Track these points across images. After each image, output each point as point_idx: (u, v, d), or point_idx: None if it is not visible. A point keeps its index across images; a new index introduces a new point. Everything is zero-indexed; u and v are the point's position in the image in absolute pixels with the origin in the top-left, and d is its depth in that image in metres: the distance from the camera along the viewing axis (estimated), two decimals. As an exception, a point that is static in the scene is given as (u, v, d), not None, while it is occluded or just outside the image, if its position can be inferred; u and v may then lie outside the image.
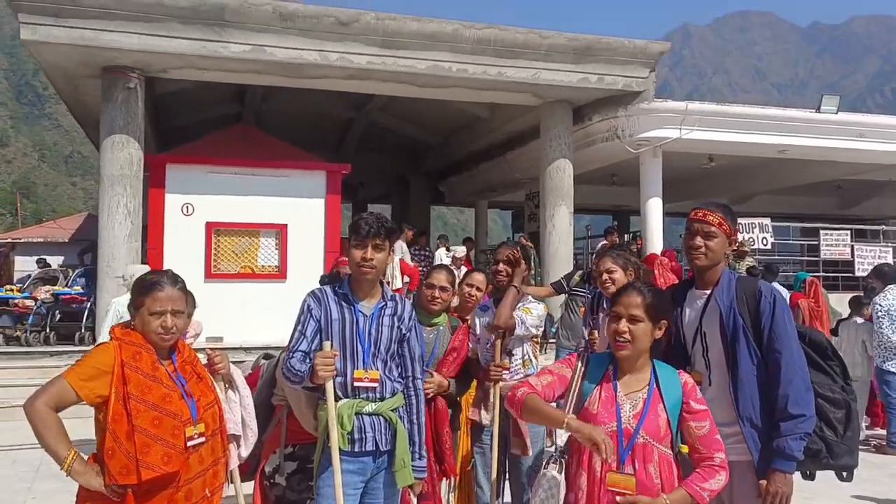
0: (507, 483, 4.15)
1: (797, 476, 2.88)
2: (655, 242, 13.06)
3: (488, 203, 20.91)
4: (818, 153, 13.65)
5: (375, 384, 3.15)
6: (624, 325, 2.72)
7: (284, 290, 11.50)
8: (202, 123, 15.85)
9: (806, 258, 14.63)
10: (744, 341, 2.86)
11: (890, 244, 14.35)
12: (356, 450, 3.11)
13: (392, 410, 3.19)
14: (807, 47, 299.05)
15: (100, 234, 10.53)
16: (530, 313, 4.08)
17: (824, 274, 14.03)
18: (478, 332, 4.18)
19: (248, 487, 3.50)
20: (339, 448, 3.06)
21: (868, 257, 13.87)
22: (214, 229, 11.58)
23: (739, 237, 13.12)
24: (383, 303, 3.26)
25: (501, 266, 4.17)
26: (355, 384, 3.12)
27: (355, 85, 11.71)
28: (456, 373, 4.02)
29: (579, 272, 7.39)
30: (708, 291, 2.99)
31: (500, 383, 3.96)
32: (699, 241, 2.96)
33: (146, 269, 6.45)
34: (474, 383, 4.23)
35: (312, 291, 3.25)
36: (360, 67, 10.74)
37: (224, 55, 10.19)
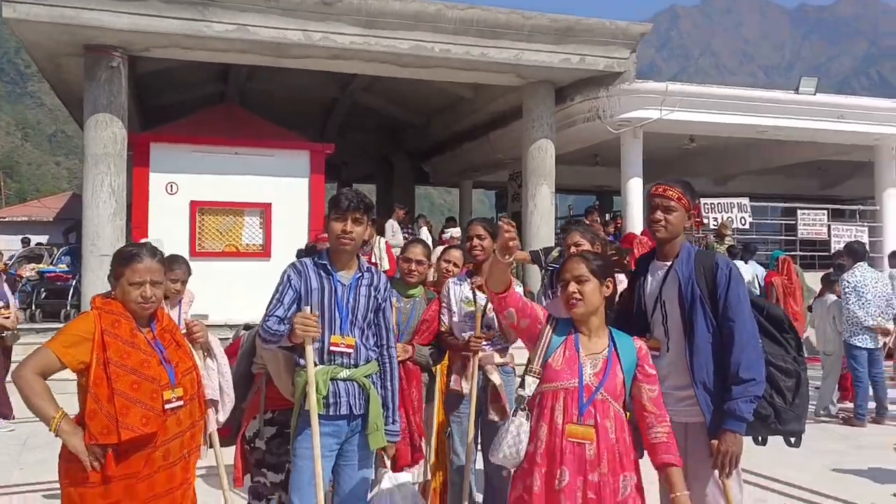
0: (479, 451, 4.31)
1: (776, 449, 3.03)
2: (636, 222, 13.22)
3: (473, 183, 21.02)
4: (797, 134, 13.84)
5: (351, 350, 3.31)
6: (573, 286, 2.91)
7: (269, 269, 11.57)
8: (186, 103, 15.84)
9: (784, 237, 14.86)
10: (700, 310, 3.03)
11: (866, 223, 14.60)
12: (331, 413, 3.27)
13: (366, 376, 3.35)
14: (794, 29, 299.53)
15: (84, 213, 10.58)
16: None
17: (802, 253, 14.28)
18: (453, 306, 4.31)
19: (228, 452, 3.65)
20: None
21: (844, 236, 14.10)
22: (199, 208, 11.65)
23: (720, 217, 13.40)
24: (360, 274, 3.42)
25: (476, 241, 4.31)
26: (331, 349, 3.28)
27: (339, 65, 11.75)
28: (427, 342, 4.25)
29: (558, 248, 7.52)
30: (668, 263, 3.16)
31: (480, 353, 4.11)
32: (659, 214, 3.12)
33: (160, 240, 6.60)
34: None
35: (293, 263, 3.41)
36: (344, 47, 10.78)
37: (207, 34, 10.20)
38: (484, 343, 4.17)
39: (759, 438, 3.17)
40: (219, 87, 16.65)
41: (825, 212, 14.53)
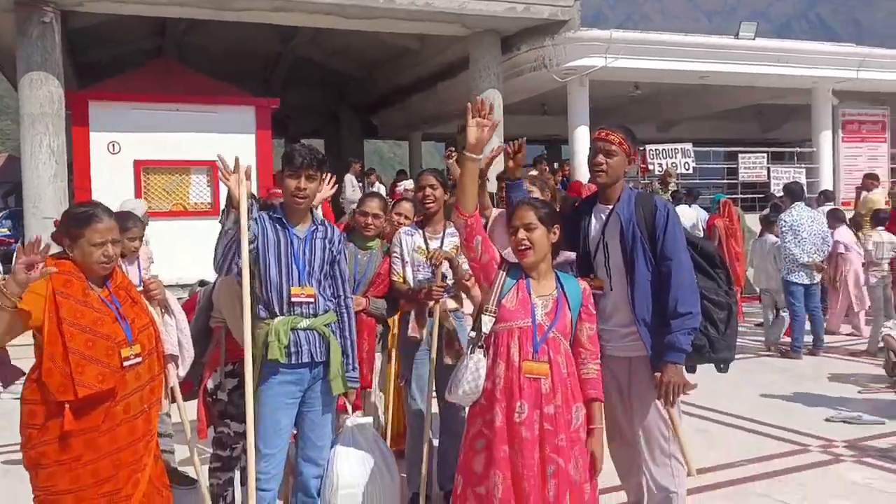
0: (434, 397, 4.44)
1: (714, 381, 3.23)
2: (583, 170, 13.39)
3: (422, 135, 20.96)
4: (737, 79, 14.12)
5: (311, 300, 3.40)
6: (522, 233, 3.03)
7: (217, 227, 11.45)
8: (121, 59, 15.40)
9: (726, 181, 15.24)
10: (641, 251, 3.18)
11: (804, 165, 15.05)
12: (293, 362, 3.37)
13: (325, 325, 3.44)
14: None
15: (24, 175, 10.30)
16: None
17: (743, 196, 14.68)
18: (406, 256, 4.39)
19: (191, 407, 3.73)
20: (277, 360, 3.32)
21: (783, 178, 14.49)
22: (143, 167, 11.42)
23: (664, 164, 13.66)
24: (314, 227, 3.50)
25: (428, 191, 4.38)
26: (292, 300, 3.36)
27: (282, 17, 11.56)
28: (383, 294, 4.35)
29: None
30: (610, 206, 3.29)
31: (439, 302, 4.22)
32: (601, 158, 3.24)
33: (139, 203, 6.57)
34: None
35: (253, 217, 3.44)
36: (286, -1, 10.60)
37: (142, -13, 9.92)
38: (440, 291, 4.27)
39: (690, 366, 3.35)
40: (156, 42, 16.20)
41: (765, 155, 14.93)
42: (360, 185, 14.59)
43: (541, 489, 2.92)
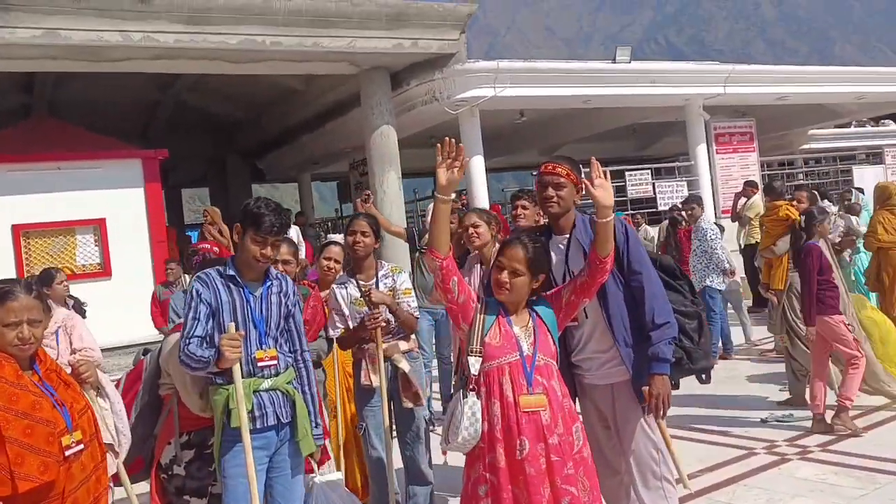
0: (394, 439, 4.30)
1: None
2: (481, 198, 13.58)
3: (311, 176, 20.65)
4: (618, 100, 14.70)
5: (274, 362, 3.21)
6: (506, 276, 3.00)
7: (111, 288, 10.83)
8: (-15, 119, 14.39)
9: (615, 198, 15.75)
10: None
11: (685, 178, 15.80)
12: (258, 426, 3.18)
13: (287, 383, 3.26)
14: (587, 3, 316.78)
15: None
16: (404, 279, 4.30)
17: (633, 211, 15.24)
18: (345, 310, 4.24)
19: (142, 487, 3.42)
20: (238, 427, 3.10)
21: (667, 192, 15.23)
22: (22, 231, 10.67)
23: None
24: (270, 282, 3.30)
25: (358, 237, 4.27)
26: (258, 364, 3.16)
27: (164, 65, 11.12)
28: (313, 339, 4.14)
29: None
30: (567, 235, 3.30)
31: (385, 345, 4.09)
32: (551, 191, 3.27)
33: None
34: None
35: (198, 276, 3.23)
36: (168, 47, 10.20)
37: (11, 41, 9.28)
38: (385, 336, 4.15)
39: (673, 382, 3.38)
40: (22, 99, 15.25)
41: (649, 171, 15.58)
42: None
43: None
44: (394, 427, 4.28)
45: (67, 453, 2.66)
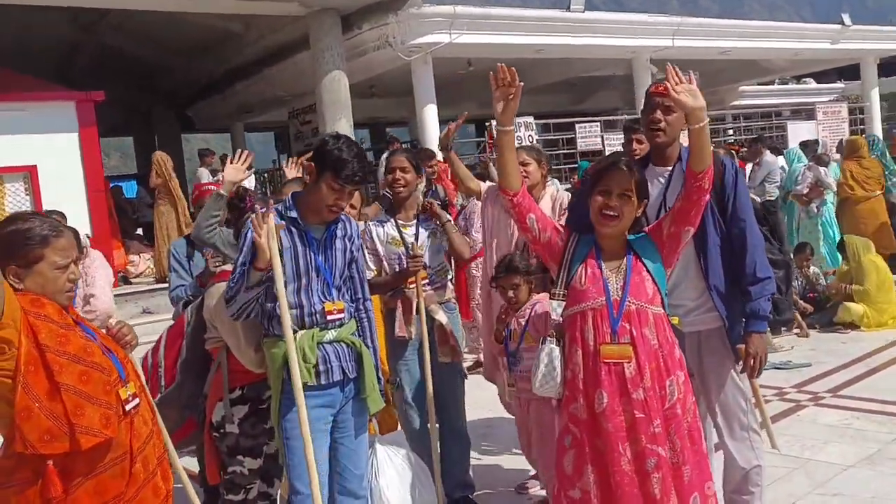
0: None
1: None
2: (433, 149, 13.20)
3: (245, 125, 19.72)
4: (570, 51, 14.51)
5: (342, 315, 2.88)
6: (615, 200, 2.69)
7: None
8: None
9: (564, 151, 15.70)
10: (710, 214, 2.95)
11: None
12: (323, 382, 2.85)
13: (352, 335, 2.93)
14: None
15: None
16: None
17: (580, 162, 15.19)
18: (380, 249, 3.90)
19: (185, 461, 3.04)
20: (305, 383, 2.76)
21: (616, 145, 15.21)
22: (-57, 181, 9.74)
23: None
24: (334, 225, 2.93)
25: (398, 174, 3.92)
26: (327, 317, 2.81)
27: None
28: None
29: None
30: (669, 168, 3.02)
31: (423, 295, 3.77)
32: (659, 115, 2.96)
33: None
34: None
35: (250, 217, 2.81)
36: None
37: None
38: (423, 282, 3.84)
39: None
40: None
41: (598, 124, 15.52)
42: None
43: (640, 486, 2.63)
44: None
45: (127, 407, 2.27)
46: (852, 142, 8.13)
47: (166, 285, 10.01)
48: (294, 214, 2.86)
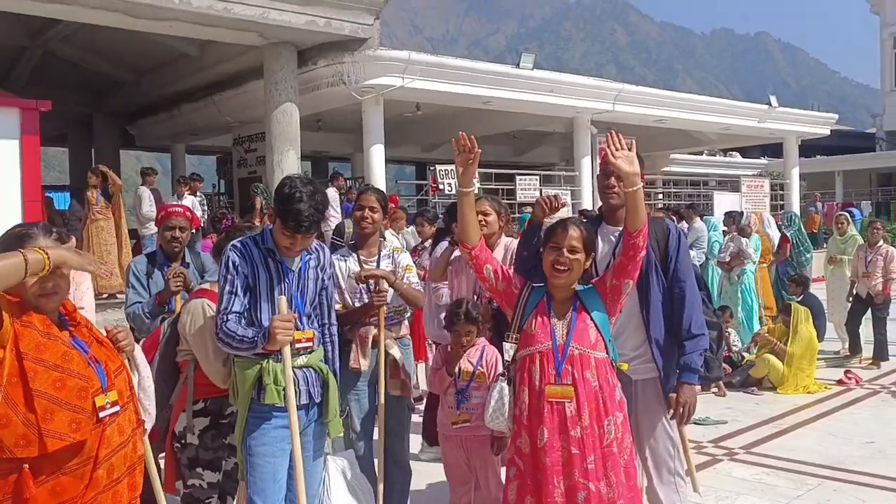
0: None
1: None
2: (380, 186, 13.44)
3: (187, 147, 19.57)
4: (515, 105, 15.00)
5: (311, 344, 3.04)
6: (566, 255, 2.95)
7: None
8: None
9: (505, 200, 16.10)
10: (654, 273, 3.25)
11: (569, 188, 16.43)
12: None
13: (320, 361, 3.10)
14: (456, 5, 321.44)
15: None
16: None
17: (519, 215, 15.62)
18: (342, 283, 4.07)
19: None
20: (273, 403, 2.91)
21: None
22: None
23: (453, 184, 14.14)
24: (308, 255, 3.10)
25: (367, 213, 4.10)
26: (295, 345, 2.96)
27: (56, 10, 10.23)
28: None
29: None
30: (620, 227, 3.30)
31: (383, 332, 3.94)
32: (613, 181, 3.26)
33: None
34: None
35: (233, 245, 2.97)
36: (68, -10, 9.38)
37: None
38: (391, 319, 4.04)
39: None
40: None
41: (538, 177, 16.05)
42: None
43: None
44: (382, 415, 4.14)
45: (102, 414, 2.36)
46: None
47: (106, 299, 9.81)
48: (271, 246, 3.01)
